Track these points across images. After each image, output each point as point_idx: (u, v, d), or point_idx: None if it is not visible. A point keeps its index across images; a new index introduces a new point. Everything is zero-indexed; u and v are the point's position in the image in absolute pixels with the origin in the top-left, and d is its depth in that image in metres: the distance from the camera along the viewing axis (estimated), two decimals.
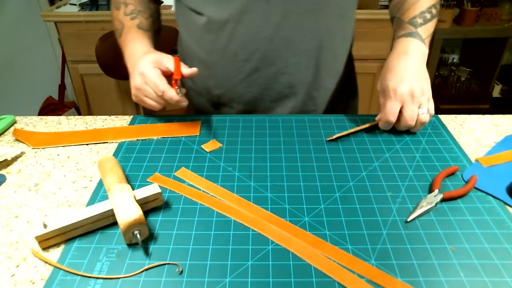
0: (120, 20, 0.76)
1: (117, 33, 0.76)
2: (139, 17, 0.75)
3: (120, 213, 0.46)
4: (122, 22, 0.75)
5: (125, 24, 0.75)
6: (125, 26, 0.75)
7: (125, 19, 0.75)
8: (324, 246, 0.46)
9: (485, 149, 0.64)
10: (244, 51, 0.73)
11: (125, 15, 0.75)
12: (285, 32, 0.71)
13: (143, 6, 0.78)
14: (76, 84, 1.82)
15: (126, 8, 0.76)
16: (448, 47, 2.17)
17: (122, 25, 0.75)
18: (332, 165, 0.60)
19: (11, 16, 1.91)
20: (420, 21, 0.68)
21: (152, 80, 0.62)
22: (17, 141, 0.67)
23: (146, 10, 0.78)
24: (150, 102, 0.65)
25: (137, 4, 0.77)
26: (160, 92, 0.62)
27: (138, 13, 0.76)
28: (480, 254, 0.45)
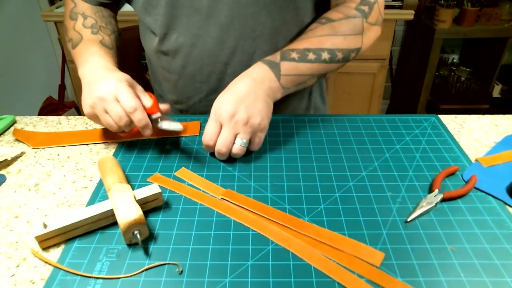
0: (77, 31, 0.70)
1: (70, 44, 0.70)
2: (101, 33, 0.70)
3: (120, 213, 0.46)
4: (79, 33, 0.69)
5: (84, 36, 0.69)
6: (83, 38, 0.68)
7: (84, 31, 0.69)
8: (324, 246, 0.46)
9: (485, 149, 0.64)
10: (201, 73, 0.72)
11: (84, 27, 0.70)
12: (240, 56, 0.69)
13: (104, 22, 0.73)
14: (76, 84, 1.82)
15: (85, 20, 0.71)
16: (448, 47, 2.17)
17: (79, 36, 0.69)
18: (332, 165, 0.60)
19: (11, 16, 1.92)
20: (295, 56, 0.62)
21: (126, 95, 0.55)
22: (17, 141, 0.67)
23: (107, 26, 0.73)
24: (108, 119, 0.56)
25: (97, 19, 0.72)
26: (132, 109, 0.55)
27: (99, 28, 0.71)
28: (480, 254, 0.45)
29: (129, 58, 1.48)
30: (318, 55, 0.63)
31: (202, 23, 0.67)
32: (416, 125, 0.70)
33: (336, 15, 0.66)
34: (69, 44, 0.71)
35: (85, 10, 0.73)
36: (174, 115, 0.74)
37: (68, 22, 0.73)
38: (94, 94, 0.57)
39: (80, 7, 0.73)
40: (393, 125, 0.70)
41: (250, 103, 0.58)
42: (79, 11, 0.72)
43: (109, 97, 0.56)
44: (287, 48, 0.64)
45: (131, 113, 0.55)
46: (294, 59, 0.62)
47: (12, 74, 1.92)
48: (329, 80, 1.81)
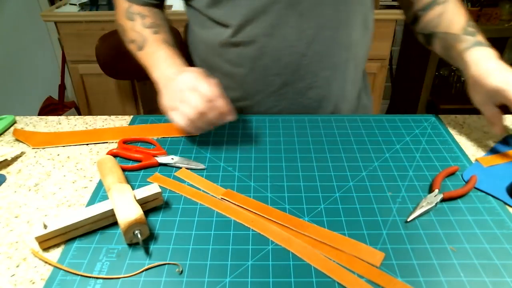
0: (138, 31, 0.71)
1: (134, 45, 0.72)
2: (162, 32, 0.72)
3: (121, 213, 0.46)
4: (141, 34, 0.71)
5: (147, 37, 0.70)
6: (147, 39, 0.70)
7: (146, 31, 0.71)
8: (324, 246, 0.46)
9: (485, 149, 0.64)
10: (276, 65, 0.71)
11: (145, 27, 0.71)
12: (318, 47, 0.70)
13: (160, 19, 0.74)
14: (76, 84, 1.82)
15: (143, 20, 0.72)
16: None
17: (142, 37, 0.70)
18: (332, 165, 0.60)
19: (11, 16, 1.92)
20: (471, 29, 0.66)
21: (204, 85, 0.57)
22: (17, 141, 0.67)
23: (164, 23, 0.74)
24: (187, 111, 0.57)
25: (154, 17, 0.73)
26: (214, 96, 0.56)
27: (158, 27, 0.72)
28: (480, 254, 0.45)
29: None
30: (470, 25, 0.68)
31: (282, 12, 0.66)
32: (416, 125, 0.70)
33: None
34: (132, 45, 0.73)
35: (141, 10, 0.73)
36: None
37: (125, 23, 0.74)
38: (173, 88, 0.59)
39: (135, 7, 0.73)
40: (393, 125, 0.70)
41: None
42: (135, 11, 0.73)
43: (187, 87, 0.57)
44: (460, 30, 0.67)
45: (213, 101, 0.56)
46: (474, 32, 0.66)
47: (12, 74, 1.92)
48: None
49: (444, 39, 0.69)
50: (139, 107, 1.89)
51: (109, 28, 1.47)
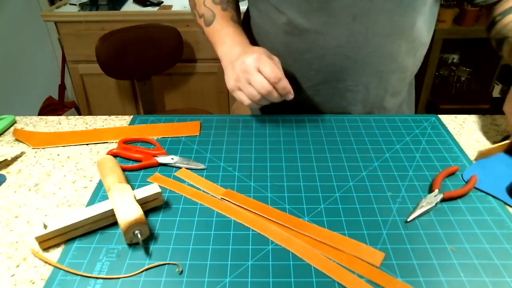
0: (208, 7, 0.73)
1: (203, 20, 0.74)
2: (230, 9, 0.73)
3: (121, 213, 0.46)
4: (211, 9, 0.73)
5: (216, 13, 0.72)
6: (216, 15, 0.72)
7: (215, 7, 0.73)
8: (324, 246, 0.46)
9: None
10: (319, 61, 0.71)
11: (214, 4, 0.73)
12: (365, 53, 0.69)
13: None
14: (76, 84, 1.83)
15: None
16: (448, 47, 2.17)
17: (211, 13, 0.72)
18: (332, 165, 0.60)
19: (11, 16, 1.92)
20: None
21: (269, 66, 0.59)
22: (17, 141, 0.67)
23: (233, 1, 0.76)
24: (251, 90, 0.60)
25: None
26: (276, 79, 0.58)
27: (227, 4, 0.74)
28: (480, 254, 0.45)
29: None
30: None
31: (336, 12, 0.66)
32: (416, 125, 0.70)
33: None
34: (201, 20, 0.75)
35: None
36: (174, 115, 0.74)
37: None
38: (237, 68, 0.61)
39: None
40: (393, 125, 0.70)
41: None
42: None
43: (252, 69, 0.59)
44: None
45: (276, 83, 0.59)
46: None
47: (12, 74, 1.92)
48: None
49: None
50: (139, 107, 1.89)
51: (109, 28, 1.47)
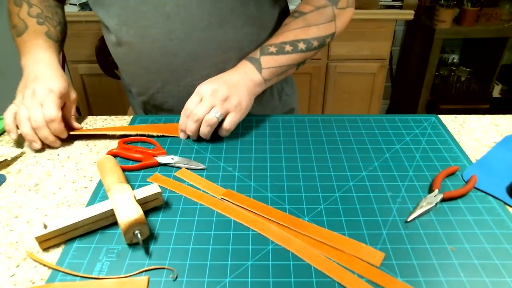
0: (22, 18, 0.71)
1: (15, 31, 0.72)
2: (47, 24, 0.72)
3: (121, 213, 0.46)
4: (24, 21, 0.71)
5: (29, 26, 0.71)
6: (28, 27, 0.71)
7: (29, 19, 0.71)
8: (324, 246, 0.46)
9: (485, 149, 0.64)
10: (154, 64, 0.72)
11: (30, 16, 0.71)
12: (189, 47, 0.70)
13: (50, 12, 0.74)
14: (76, 84, 1.82)
15: (30, 9, 0.72)
16: (448, 47, 2.17)
17: (24, 25, 0.71)
18: (332, 165, 0.60)
19: None
20: (273, 50, 0.67)
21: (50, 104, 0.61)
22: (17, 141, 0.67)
23: (53, 17, 0.75)
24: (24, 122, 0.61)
25: (43, 8, 0.73)
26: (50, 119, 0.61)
27: (45, 18, 0.72)
28: (480, 254, 0.45)
29: None
30: (295, 46, 0.68)
31: (150, 14, 0.67)
32: (416, 125, 0.70)
33: (307, 7, 0.70)
34: (13, 31, 0.73)
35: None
36: (174, 115, 0.74)
37: (12, 8, 0.74)
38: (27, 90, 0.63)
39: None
40: (393, 125, 0.70)
41: (232, 86, 0.63)
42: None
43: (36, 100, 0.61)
44: (265, 44, 0.69)
45: (48, 122, 0.61)
46: (272, 52, 0.67)
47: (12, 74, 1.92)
48: (329, 80, 1.81)
49: None
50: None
51: None
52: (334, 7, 0.70)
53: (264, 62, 0.67)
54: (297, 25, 0.68)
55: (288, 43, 0.67)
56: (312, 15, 0.69)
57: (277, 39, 0.68)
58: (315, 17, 0.69)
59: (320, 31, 0.69)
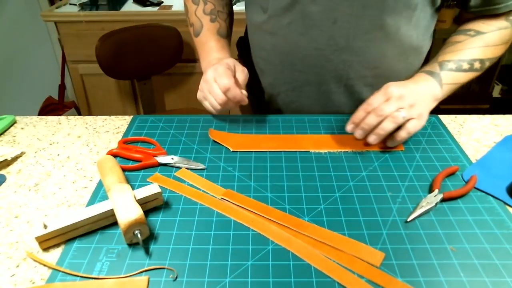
0: (198, 17, 0.77)
1: (192, 29, 0.78)
2: (218, 20, 0.77)
3: (121, 213, 0.46)
4: (200, 20, 0.77)
5: (204, 24, 0.76)
6: (204, 26, 0.76)
7: (204, 18, 0.77)
8: (324, 246, 0.46)
9: (485, 149, 0.64)
10: (302, 63, 0.72)
11: (204, 14, 0.77)
12: (345, 56, 0.69)
13: (221, 5, 0.79)
14: (76, 84, 1.82)
15: (205, 6, 0.77)
16: None
17: (200, 24, 0.76)
18: (332, 165, 0.60)
19: (11, 16, 1.92)
20: (452, 66, 0.65)
21: (221, 76, 0.63)
22: (17, 141, 0.67)
23: (223, 10, 0.79)
24: (212, 100, 0.65)
25: (215, 2, 0.78)
26: (225, 88, 0.62)
27: (217, 14, 0.77)
28: (480, 254, 0.45)
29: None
30: (471, 65, 0.66)
31: (317, 16, 0.67)
32: None
33: (486, 28, 0.68)
34: (191, 29, 0.79)
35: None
36: (175, 115, 0.74)
37: (190, 5, 0.79)
38: (202, 79, 0.67)
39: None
40: None
41: (418, 96, 0.61)
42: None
43: (211, 80, 0.64)
44: (442, 60, 0.67)
45: (225, 93, 0.63)
46: (452, 69, 0.65)
47: (12, 74, 1.92)
48: None
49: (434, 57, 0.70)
50: (139, 107, 1.89)
51: (109, 28, 1.47)
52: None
53: (444, 77, 0.65)
54: (474, 44, 0.67)
55: (466, 61, 0.66)
56: (492, 35, 0.67)
57: (453, 55, 0.67)
58: (495, 38, 0.67)
59: (496, 52, 0.68)
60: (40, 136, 0.69)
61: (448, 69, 0.65)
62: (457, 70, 0.65)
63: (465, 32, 0.69)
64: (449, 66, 0.65)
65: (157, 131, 0.69)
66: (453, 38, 0.70)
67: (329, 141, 0.65)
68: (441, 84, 0.64)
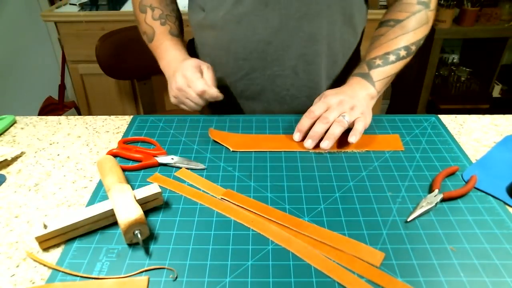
0: (148, 24, 0.78)
1: (146, 37, 0.80)
2: (168, 23, 0.78)
3: (121, 213, 0.46)
4: (151, 26, 0.78)
5: (156, 30, 0.78)
6: (155, 31, 0.78)
7: (154, 23, 0.78)
8: (324, 246, 0.46)
9: (485, 149, 0.64)
10: (244, 50, 0.74)
11: (154, 20, 0.78)
12: (283, 36, 0.72)
13: (169, 10, 0.80)
14: (76, 84, 1.82)
15: (153, 12, 0.78)
16: (448, 47, 2.17)
17: (152, 30, 0.78)
18: (332, 165, 0.60)
19: (11, 16, 1.92)
20: (379, 62, 0.69)
21: (194, 81, 0.66)
22: (17, 141, 0.67)
23: (171, 13, 0.80)
24: (190, 103, 0.68)
25: (163, 8, 0.79)
26: (201, 92, 0.65)
27: (166, 17, 0.78)
28: (480, 254, 0.45)
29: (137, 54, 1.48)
30: (397, 55, 0.69)
31: (249, 1, 0.69)
32: (416, 125, 0.70)
33: (402, 15, 0.72)
34: (144, 37, 0.81)
35: (152, 2, 0.79)
36: (175, 115, 0.74)
37: (139, 16, 0.81)
38: (173, 87, 0.69)
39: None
40: (393, 125, 0.70)
41: (356, 99, 0.64)
42: (147, 3, 0.79)
43: (184, 87, 0.67)
44: (369, 58, 0.70)
45: (202, 96, 0.66)
46: (379, 65, 0.69)
47: (12, 74, 1.92)
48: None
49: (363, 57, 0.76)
50: (139, 107, 1.89)
51: (109, 28, 1.47)
52: (427, 10, 0.72)
53: (375, 75, 0.68)
54: (395, 34, 0.71)
55: (391, 53, 0.69)
56: (409, 21, 0.71)
57: (379, 50, 0.70)
58: (412, 23, 0.71)
59: (417, 36, 0.71)
60: (40, 136, 0.69)
61: (376, 67, 0.69)
62: (385, 65, 0.69)
63: (386, 23, 0.73)
64: (377, 63, 0.69)
65: (157, 131, 0.69)
66: (377, 31, 0.74)
67: None
68: (374, 83, 0.68)
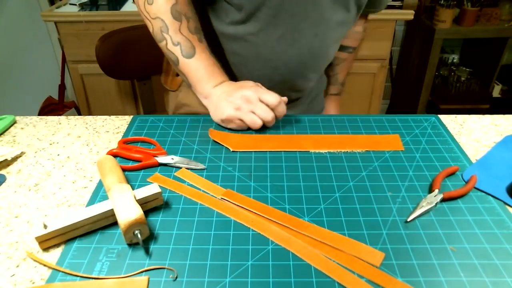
0: (184, 35, 0.68)
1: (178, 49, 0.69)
2: (203, 39, 0.71)
3: (121, 213, 0.46)
4: (188, 40, 0.68)
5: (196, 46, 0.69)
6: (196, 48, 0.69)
7: (192, 38, 0.69)
8: (324, 246, 0.46)
9: (485, 149, 0.64)
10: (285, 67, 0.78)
11: (191, 33, 0.69)
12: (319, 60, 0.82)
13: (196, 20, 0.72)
14: (76, 84, 1.82)
15: (188, 23, 0.69)
16: (448, 47, 2.17)
17: (189, 45, 0.68)
18: (332, 165, 0.60)
19: (11, 16, 1.91)
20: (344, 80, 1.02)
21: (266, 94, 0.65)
22: (17, 141, 0.67)
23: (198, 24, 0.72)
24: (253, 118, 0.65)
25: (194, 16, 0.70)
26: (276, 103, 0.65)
27: (200, 33, 0.71)
28: (480, 254, 0.45)
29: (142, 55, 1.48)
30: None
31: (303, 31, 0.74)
32: (416, 125, 0.70)
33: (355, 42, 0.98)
34: (176, 48, 0.69)
35: (186, 11, 0.69)
36: (175, 115, 0.74)
37: (171, 22, 0.68)
38: (238, 100, 0.65)
39: (180, 5, 0.68)
40: (393, 125, 0.70)
41: None
42: (181, 10, 0.68)
43: (255, 99, 0.65)
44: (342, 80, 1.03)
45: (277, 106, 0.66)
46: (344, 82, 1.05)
47: (12, 74, 1.92)
48: None
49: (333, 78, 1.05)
50: (139, 107, 1.89)
51: (109, 28, 1.47)
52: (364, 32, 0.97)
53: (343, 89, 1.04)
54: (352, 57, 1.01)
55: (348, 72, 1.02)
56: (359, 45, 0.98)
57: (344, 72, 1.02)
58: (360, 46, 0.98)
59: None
60: (40, 136, 0.69)
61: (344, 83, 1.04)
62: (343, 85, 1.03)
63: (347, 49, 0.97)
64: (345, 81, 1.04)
65: (157, 131, 0.69)
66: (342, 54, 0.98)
67: (329, 141, 0.65)
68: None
